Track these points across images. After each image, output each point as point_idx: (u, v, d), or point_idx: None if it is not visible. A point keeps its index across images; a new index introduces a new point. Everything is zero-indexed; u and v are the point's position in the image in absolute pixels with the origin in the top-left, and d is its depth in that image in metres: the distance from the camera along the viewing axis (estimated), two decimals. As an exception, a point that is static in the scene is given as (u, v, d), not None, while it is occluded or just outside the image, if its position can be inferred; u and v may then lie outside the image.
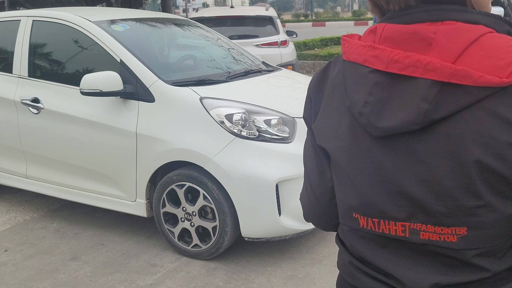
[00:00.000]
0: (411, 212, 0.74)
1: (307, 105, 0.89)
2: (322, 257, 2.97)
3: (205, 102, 2.86)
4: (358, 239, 0.82)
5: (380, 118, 0.73)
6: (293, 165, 2.77)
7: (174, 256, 3.03)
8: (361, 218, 0.79)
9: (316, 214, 0.95)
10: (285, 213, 2.76)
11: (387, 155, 0.74)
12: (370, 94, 0.74)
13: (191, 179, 2.85)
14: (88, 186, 3.29)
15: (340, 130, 0.79)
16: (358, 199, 0.78)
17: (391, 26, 0.75)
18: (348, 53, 0.79)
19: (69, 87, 3.27)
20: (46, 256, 3.09)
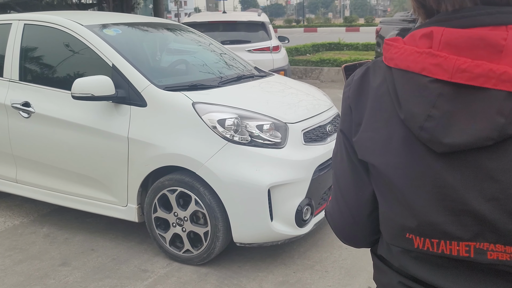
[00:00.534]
0: (477, 232, 0.69)
1: (347, 116, 0.83)
2: (313, 262, 2.97)
3: (197, 107, 2.86)
4: (411, 260, 0.78)
5: (446, 133, 0.67)
6: (285, 171, 2.78)
7: (165, 261, 3.01)
8: (417, 239, 0.74)
9: (351, 231, 0.89)
10: (277, 218, 2.76)
11: (451, 172, 0.69)
12: (434, 107, 0.68)
13: (183, 184, 2.85)
14: (79, 191, 3.27)
15: (392, 145, 0.74)
16: (415, 219, 0.73)
17: (451, 30, 0.68)
18: (397, 59, 0.72)
19: (60, 91, 3.25)
20: (36, 261, 3.05)
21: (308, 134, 3.02)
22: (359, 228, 0.87)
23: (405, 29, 7.71)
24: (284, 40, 8.23)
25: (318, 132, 3.12)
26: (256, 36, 6.64)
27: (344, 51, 14.76)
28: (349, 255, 3.04)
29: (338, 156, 0.87)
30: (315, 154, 2.95)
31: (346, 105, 0.83)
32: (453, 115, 0.67)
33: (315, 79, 10.89)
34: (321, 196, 3.04)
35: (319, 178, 2.94)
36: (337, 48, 15.43)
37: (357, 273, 2.83)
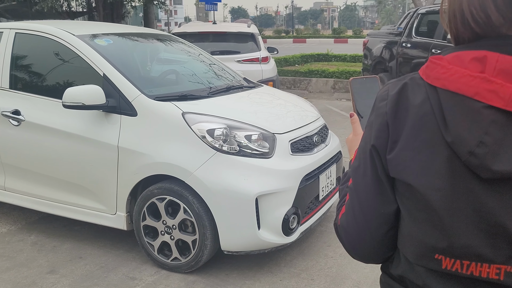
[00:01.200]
0: (510, 255, 0.72)
1: (382, 133, 0.80)
2: (300, 270, 3.02)
3: (187, 117, 2.91)
4: (437, 280, 0.79)
5: (496, 161, 0.68)
6: (272, 180, 2.83)
7: (154, 269, 3.04)
8: (446, 260, 0.76)
9: (366, 247, 0.88)
10: (264, 227, 2.81)
11: (492, 197, 0.71)
12: (487, 134, 0.68)
13: (172, 193, 2.89)
14: (68, 199, 3.29)
15: (434, 167, 0.74)
16: (447, 241, 0.74)
17: (507, 57, 0.69)
18: (445, 80, 0.72)
19: (51, 99, 3.28)
20: (23, 269, 3.06)
21: (295, 144, 3.08)
22: (374, 245, 0.87)
23: (391, 42, 7.87)
24: (273, 51, 8.33)
25: (305, 142, 3.19)
26: (245, 47, 6.72)
27: (332, 62, 14.94)
28: (334, 263, 3.10)
29: (361, 170, 0.85)
30: (302, 164, 3.01)
31: (383, 121, 0.80)
32: (504, 143, 0.68)
33: (304, 89, 11.00)
34: (308, 206, 3.10)
35: (305, 188, 3.00)
36: (326, 59, 15.60)
37: (342, 281, 2.88)
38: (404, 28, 7.69)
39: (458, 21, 0.76)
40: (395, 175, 0.79)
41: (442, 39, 6.56)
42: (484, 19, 0.72)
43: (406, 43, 7.41)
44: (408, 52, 7.34)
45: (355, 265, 3.06)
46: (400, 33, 7.73)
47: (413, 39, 7.31)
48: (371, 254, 0.89)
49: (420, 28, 7.38)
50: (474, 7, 0.73)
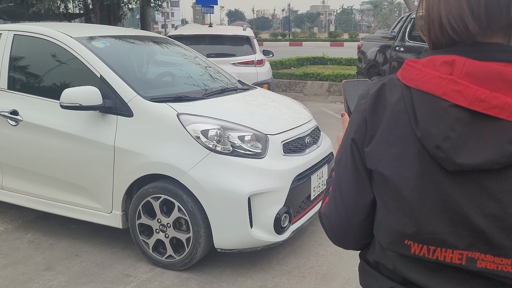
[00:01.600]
0: (471, 242, 0.78)
1: (360, 128, 0.88)
2: (291, 268, 3.10)
3: (182, 118, 2.99)
4: (406, 264, 0.86)
5: (459, 154, 0.75)
6: (265, 180, 2.91)
7: (148, 266, 3.10)
8: (414, 245, 0.82)
9: (345, 234, 0.96)
10: (256, 225, 2.89)
11: (456, 189, 0.77)
12: (452, 130, 0.75)
13: (167, 192, 2.95)
14: (65, 197, 3.35)
15: (405, 159, 0.81)
16: (415, 227, 0.81)
17: (472, 62, 0.76)
18: (417, 81, 0.80)
19: (48, 100, 3.35)
20: (20, 266, 3.12)
21: (287, 145, 3.16)
22: (353, 231, 0.94)
23: (385, 46, 7.97)
24: (268, 54, 8.43)
25: (297, 143, 3.27)
26: (241, 50, 6.80)
27: (327, 65, 15.05)
28: (325, 261, 3.18)
29: (343, 163, 0.92)
30: (294, 165, 3.09)
31: (362, 117, 0.88)
32: (467, 139, 0.75)
33: (299, 92, 11.09)
34: (299, 205, 3.17)
35: (297, 188, 3.07)
36: (321, 62, 15.71)
37: (332, 279, 2.96)
38: (397, 32, 7.80)
39: (436, 29, 0.83)
40: (372, 167, 0.87)
41: (435, 44, 6.66)
42: (461, 28, 0.79)
43: (399, 47, 7.52)
44: (401, 56, 7.44)
45: (345, 263, 3.13)
46: (394, 37, 7.84)
47: (406, 43, 7.42)
48: (350, 240, 0.97)
49: (413, 33, 7.49)
50: (452, 17, 0.80)
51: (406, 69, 0.83)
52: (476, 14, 0.77)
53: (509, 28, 0.79)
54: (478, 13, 0.77)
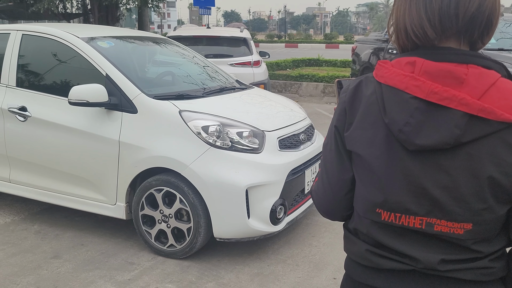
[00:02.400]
0: (429, 210, 0.95)
1: (341, 116, 1.05)
2: (286, 257, 3.28)
3: (183, 114, 3.16)
4: (377, 229, 1.02)
5: (417, 137, 0.92)
6: (262, 173, 3.09)
7: (151, 255, 3.27)
8: (384, 213, 0.99)
9: (330, 206, 1.13)
10: (253, 216, 3.07)
11: (416, 165, 0.94)
12: (411, 116, 0.92)
13: (169, 184, 3.13)
14: (70, 190, 3.52)
15: (376, 141, 0.98)
16: (383, 197, 0.98)
17: (429, 62, 0.93)
18: (386, 77, 0.97)
19: (56, 97, 3.52)
20: (28, 254, 3.28)
21: (283, 141, 3.35)
22: (337, 204, 1.12)
23: (379, 48, 8.18)
24: (265, 55, 8.62)
25: (292, 140, 3.45)
26: (238, 51, 6.99)
27: (323, 67, 15.26)
28: (317, 251, 3.36)
29: (328, 146, 1.10)
30: (289, 160, 3.28)
31: (342, 108, 1.05)
32: (424, 124, 0.91)
33: (294, 93, 11.29)
34: (294, 198, 3.36)
35: (292, 181, 3.26)
36: (317, 64, 15.93)
37: (324, 267, 3.14)
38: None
39: (403, 35, 1.00)
40: (350, 148, 1.04)
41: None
42: (422, 34, 0.96)
43: (392, 49, 7.72)
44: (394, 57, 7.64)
45: (337, 253, 3.32)
46: (387, 40, 8.04)
47: (399, 45, 7.62)
48: (334, 211, 1.15)
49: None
50: (414, 25, 0.98)
51: (378, 68, 1.01)
52: (432, 22, 0.95)
53: (460, 34, 0.97)
54: (434, 22, 0.95)
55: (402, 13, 1.00)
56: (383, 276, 1.06)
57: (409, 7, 0.98)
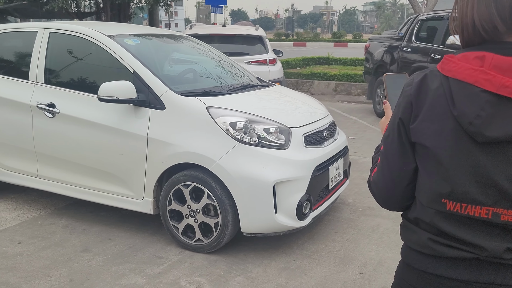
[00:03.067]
0: (496, 200, 0.98)
1: (407, 109, 1.08)
2: (311, 252, 3.32)
3: (211, 111, 3.21)
4: (442, 219, 1.06)
5: (488, 129, 0.95)
6: (288, 169, 3.13)
7: (178, 249, 3.33)
8: (450, 203, 1.03)
9: (391, 197, 1.17)
10: (280, 211, 3.11)
11: (485, 157, 0.98)
12: (482, 109, 0.95)
13: (197, 180, 3.18)
14: (97, 185, 3.58)
15: (443, 133, 1.01)
16: (450, 188, 1.02)
17: (498, 57, 0.96)
18: (454, 71, 1.00)
19: (84, 94, 3.58)
20: (59, 248, 3.35)
21: (308, 138, 3.39)
22: (398, 195, 1.15)
23: (392, 47, 8.19)
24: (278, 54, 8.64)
25: (317, 136, 3.49)
26: (253, 49, 7.03)
27: (333, 66, 15.25)
28: (342, 247, 3.40)
29: (390, 138, 1.13)
30: (314, 156, 3.32)
31: (408, 101, 1.08)
32: (494, 117, 0.95)
33: (306, 91, 11.31)
34: (318, 194, 3.40)
35: (317, 177, 3.30)
36: (326, 62, 15.92)
37: (350, 262, 3.18)
38: (404, 34, 8.01)
39: (470, 30, 1.03)
40: (416, 140, 1.07)
41: (441, 45, 6.89)
42: (491, 28, 1.00)
43: (406, 48, 7.74)
44: (408, 56, 7.66)
45: (361, 249, 3.36)
46: (401, 38, 8.06)
47: (413, 44, 7.64)
48: (395, 202, 1.18)
49: (420, 34, 7.71)
50: (484, 20, 1.01)
51: (445, 62, 1.04)
52: (503, 17, 0.99)
53: None
54: (504, 16, 0.98)
55: (470, 8, 1.03)
56: (445, 264, 1.10)
57: (478, 2, 1.01)
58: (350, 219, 3.90)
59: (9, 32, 4.13)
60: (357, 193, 4.53)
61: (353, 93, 10.99)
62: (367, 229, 3.71)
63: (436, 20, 7.46)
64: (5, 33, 4.14)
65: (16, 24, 4.19)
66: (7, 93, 3.88)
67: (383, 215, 3.97)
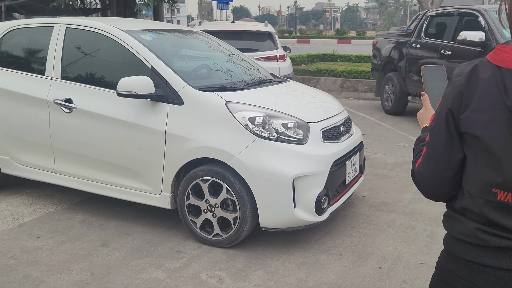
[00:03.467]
0: None
1: (457, 99, 1.09)
2: (329, 247, 3.33)
3: (230, 106, 3.22)
4: (491, 209, 1.06)
5: None
6: (307, 164, 3.14)
7: (196, 244, 3.34)
8: (501, 193, 1.03)
9: (437, 187, 1.18)
10: (299, 206, 3.12)
11: None
12: None
13: (215, 174, 3.19)
14: (115, 180, 3.59)
15: (495, 123, 1.02)
16: (502, 178, 1.02)
17: None
18: (508, 62, 1.01)
19: (101, 89, 3.59)
20: (78, 242, 3.37)
21: (325, 133, 3.39)
22: (444, 185, 1.17)
23: (401, 43, 8.17)
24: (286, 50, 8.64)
25: (334, 131, 3.50)
26: (263, 45, 7.03)
27: (338, 62, 15.21)
28: (359, 242, 3.41)
29: (437, 128, 1.14)
30: (332, 151, 3.32)
31: (458, 91, 1.09)
32: None
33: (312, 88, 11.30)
34: (336, 189, 3.40)
35: (335, 172, 3.31)
36: (331, 59, 15.87)
37: (368, 257, 3.19)
38: (413, 30, 7.99)
39: None
40: (466, 130, 1.08)
41: (451, 41, 6.87)
42: None
43: (415, 44, 7.72)
44: (417, 52, 7.64)
45: (379, 243, 3.37)
46: (410, 34, 8.04)
47: (423, 40, 7.62)
48: (441, 193, 1.19)
49: (429, 30, 7.69)
50: None
51: (497, 53, 1.05)
52: None
53: None
54: None
55: None
56: (492, 254, 1.10)
57: None
58: (366, 214, 3.91)
59: (24, 28, 4.14)
60: (371, 189, 4.53)
61: (360, 89, 10.98)
62: (383, 224, 3.72)
63: (446, 16, 7.44)
64: (21, 28, 4.15)
65: (32, 20, 4.20)
66: (24, 88, 3.90)
67: (398, 211, 3.98)
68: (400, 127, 7.42)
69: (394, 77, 8.26)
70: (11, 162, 4.09)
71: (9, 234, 3.48)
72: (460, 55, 6.44)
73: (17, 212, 3.91)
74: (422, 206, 4.09)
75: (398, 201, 4.21)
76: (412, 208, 4.05)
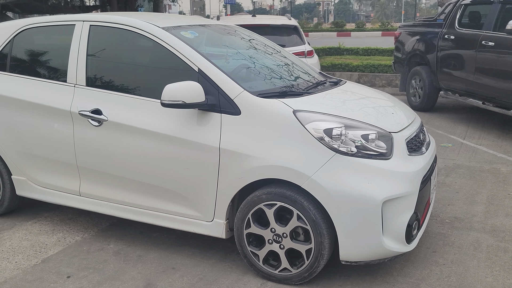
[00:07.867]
0: None
1: None
2: (416, 280, 2.80)
3: (299, 115, 2.67)
4: None
5: None
6: (396, 183, 2.60)
7: (258, 280, 2.80)
8: None
9: None
10: (387, 234, 2.59)
11: None
12: None
13: (283, 198, 2.65)
14: (155, 204, 3.04)
15: None
16: None
17: None
18: None
19: (137, 97, 3.02)
20: (117, 282, 2.81)
21: (409, 144, 2.85)
22: None
23: (430, 34, 7.64)
24: (305, 45, 8.09)
25: (416, 141, 2.96)
26: (289, 40, 6.47)
27: (344, 56, 14.63)
28: (450, 272, 2.88)
29: None
30: (420, 165, 2.78)
31: None
32: None
33: (328, 84, 10.77)
34: (422, 211, 2.87)
35: (422, 192, 2.77)
36: (337, 52, 15.29)
37: (469, 292, 2.67)
38: (444, 20, 7.46)
39: None
40: None
41: (493, 30, 6.35)
42: None
43: (448, 35, 7.19)
44: (451, 44, 7.12)
45: (474, 273, 2.84)
46: (440, 25, 7.51)
47: (457, 30, 7.09)
48: None
49: (463, 20, 7.17)
50: None
51: None
52: None
53: None
54: None
55: None
56: None
57: None
58: (442, 234, 3.38)
59: (39, 27, 3.54)
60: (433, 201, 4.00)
61: (378, 84, 10.48)
62: (468, 247, 3.19)
63: (483, 5, 6.91)
64: (35, 28, 3.55)
65: (48, 17, 3.59)
66: (42, 98, 3.31)
67: (477, 228, 3.46)
68: (435, 125, 6.91)
69: (422, 71, 7.74)
70: (28, 183, 3.52)
71: (34, 274, 2.91)
72: (508, 45, 5.92)
73: (38, 242, 3.34)
74: (502, 221, 3.57)
75: (471, 215, 3.68)
76: (491, 224, 3.53)
